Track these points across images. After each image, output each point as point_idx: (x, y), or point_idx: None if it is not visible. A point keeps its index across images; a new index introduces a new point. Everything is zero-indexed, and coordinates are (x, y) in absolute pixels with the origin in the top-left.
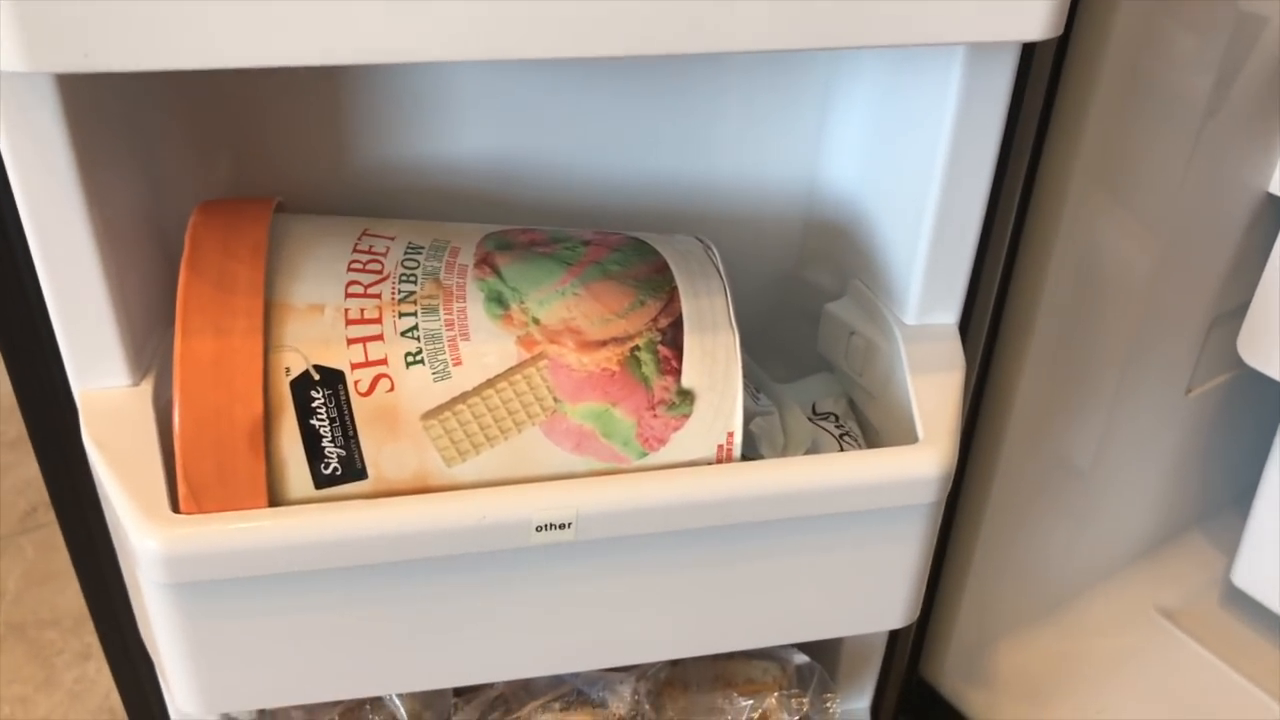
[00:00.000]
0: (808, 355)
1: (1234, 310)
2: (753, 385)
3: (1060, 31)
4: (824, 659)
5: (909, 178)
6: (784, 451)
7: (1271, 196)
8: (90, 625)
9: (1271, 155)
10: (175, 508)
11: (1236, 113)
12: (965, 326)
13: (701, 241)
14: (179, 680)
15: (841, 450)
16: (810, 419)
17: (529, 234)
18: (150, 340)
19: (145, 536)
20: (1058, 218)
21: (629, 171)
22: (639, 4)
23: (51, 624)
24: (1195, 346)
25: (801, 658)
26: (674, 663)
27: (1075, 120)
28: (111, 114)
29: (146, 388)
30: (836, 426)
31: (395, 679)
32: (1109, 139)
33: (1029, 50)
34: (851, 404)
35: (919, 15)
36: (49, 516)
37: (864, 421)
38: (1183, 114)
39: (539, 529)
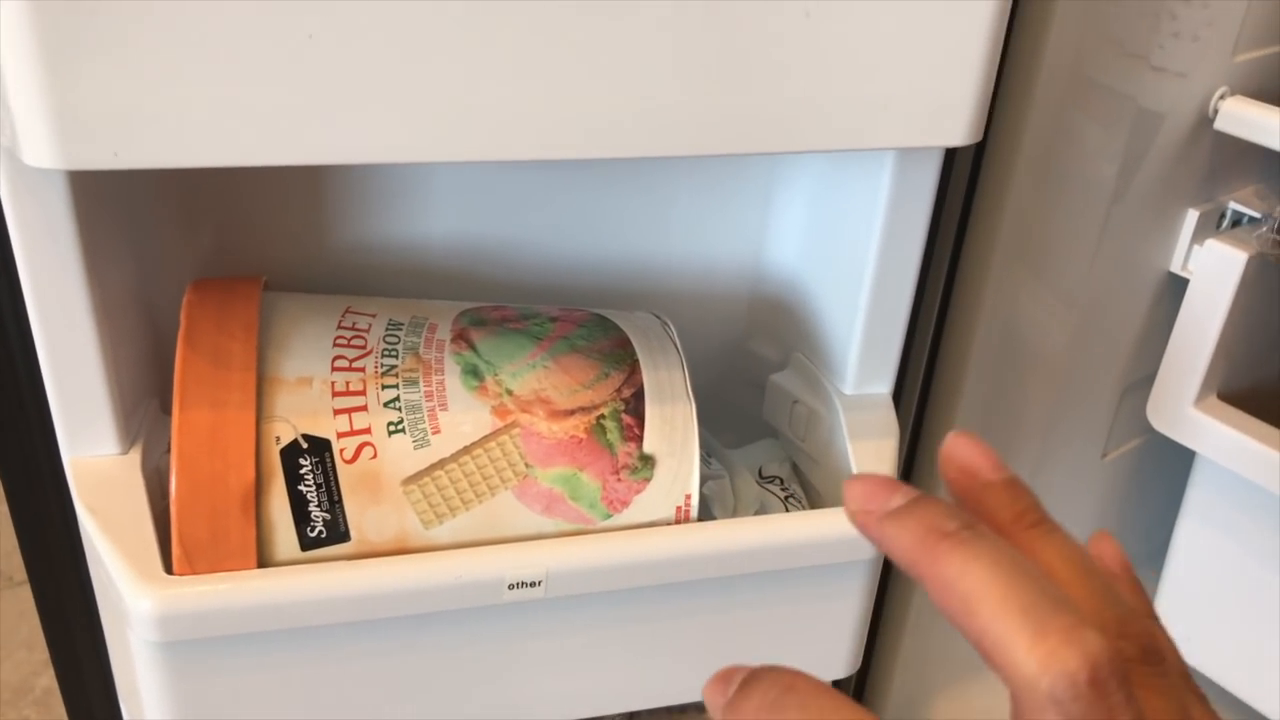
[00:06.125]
0: (754, 422)
1: (1143, 379)
2: (704, 451)
3: (980, 138)
4: None
5: (845, 261)
6: (734, 513)
7: (1172, 275)
8: (29, 698)
9: (1172, 238)
10: (167, 569)
11: (1139, 198)
12: (897, 397)
13: (659, 318)
14: None
15: (787, 511)
16: (758, 482)
17: (500, 311)
18: (138, 410)
19: (140, 597)
20: (981, 295)
21: (588, 252)
22: (603, 115)
23: None
24: (1109, 413)
25: None
26: (630, 716)
27: (995, 204)
28: (108, 196)
29: (135, 456)
30: (782, 489)
31: None
32: (1026, 222)
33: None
34: (795, 468)
35: (856, 124)
36: None
37: (806, 484)
38: (1092, 199)
39: (511, 586)
